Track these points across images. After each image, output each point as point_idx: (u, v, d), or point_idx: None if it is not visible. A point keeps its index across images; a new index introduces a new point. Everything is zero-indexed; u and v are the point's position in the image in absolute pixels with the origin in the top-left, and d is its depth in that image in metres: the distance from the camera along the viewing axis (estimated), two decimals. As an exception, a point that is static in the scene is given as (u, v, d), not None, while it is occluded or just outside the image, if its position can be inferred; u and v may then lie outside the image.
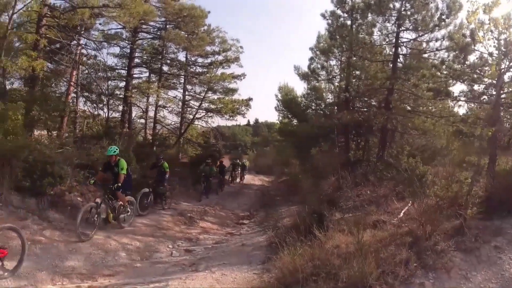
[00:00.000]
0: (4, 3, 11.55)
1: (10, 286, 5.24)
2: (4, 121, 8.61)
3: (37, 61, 10.70)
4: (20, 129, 8.78)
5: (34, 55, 10.72)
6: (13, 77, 13.56)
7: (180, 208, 12.18)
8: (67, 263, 6.31)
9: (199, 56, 20.52)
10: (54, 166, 7.91)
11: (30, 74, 11.46)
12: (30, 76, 11.70)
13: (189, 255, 7.74)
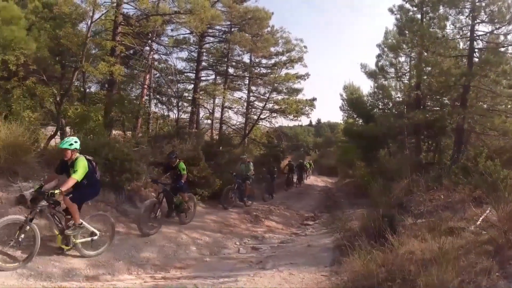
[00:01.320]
0: (81, 12, 12.61)
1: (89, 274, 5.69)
2: (86, 122, 9.39)
3: (115, 66, 11.52)
4: (101, 129, 9.50)
5: (113, 61, 11.55)
6: (91, 82, 14.76)
7: (245, 206, 12.38)
8: (142, 254, 6.71)
9: (263, 57, 20.79)
10: (132, 163, 8.47)
11: (108, 79, 12.37)
12: (108, 80, 12.63)
13: (255, 252, 7.85)
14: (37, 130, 9.25)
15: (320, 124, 63.83)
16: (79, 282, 5.33)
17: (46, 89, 11.19)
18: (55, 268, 5.48)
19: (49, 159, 8.21)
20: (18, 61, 10.16)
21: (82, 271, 5.66)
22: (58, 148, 7.02)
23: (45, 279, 5.19)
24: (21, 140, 7.39)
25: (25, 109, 10.05)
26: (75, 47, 12.16)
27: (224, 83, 20.14)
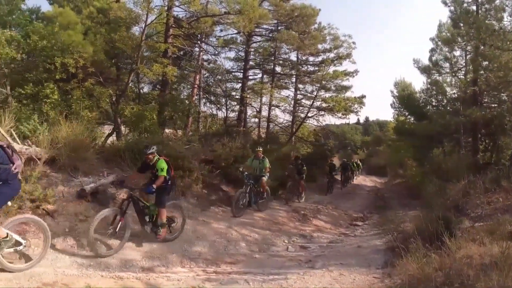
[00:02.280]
0: (134, 17, 13.21)
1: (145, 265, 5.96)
2: (142, 121, 9.85)
3: (168, 68, 11.97)
4: (155, 127, 9.93)
5: (166, 62, 12.01)
6: (143, 82, 15.43)
7: (293, 205, 12.37)
8: (194, 248, 6.91)
9: (310, 55, 20.57)
10: (184, 161, 8.77)
11: (161, 79, 12.87)
12: (161, 81, 13.15)
13: (304, 251, 7.81)
14: (94, 129, 9.83)
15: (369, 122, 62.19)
16: (136, 273, 5.59)
17: (104, 90, 11.84)
18: (113, 259, 5.81)
19: (107, 156, 8.71)
20: (77, 64, 10.80)
21: (138, 263, 5.95)
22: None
23: (103, 269, 5.52)
24: (80, 138, 7.90)
25: (84, 109, 10.69)
26: (130, 49, 12.79)
27: (271, 81, 20.16)
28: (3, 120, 6.92)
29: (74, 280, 5.01)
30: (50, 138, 7.32)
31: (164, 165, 6.59)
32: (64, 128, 7.68)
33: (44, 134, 7.38)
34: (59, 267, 5.22)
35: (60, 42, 10.99)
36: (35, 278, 4.84)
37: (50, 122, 8.52)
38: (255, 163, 10.44)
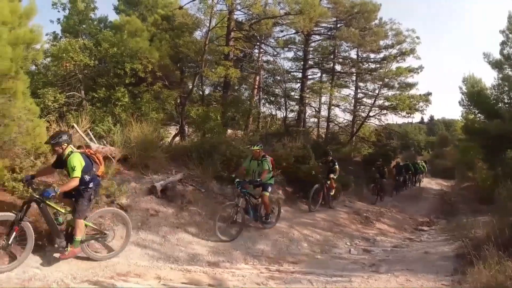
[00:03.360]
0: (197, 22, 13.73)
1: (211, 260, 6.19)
2: (207, 121, 10.23)
3: (231, 70, 12.32)
4: (220, 128, 10.26)
5: (229, 65, 12.37)
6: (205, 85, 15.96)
7: (355, 207, 12.12)
8: (257, 246, 7.03)
9: (371, 52, 19.87)
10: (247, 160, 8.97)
11: (223, 81, 13.26)
12: (223, 83, 13.55)
13: (367, 255, 7.64)
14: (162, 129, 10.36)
15: (433, 122, 58.87)
16: (202, 267, 5.83)
17: (171, 93, 12.46)
18: (181, 253, 6.11)
19: (174, 155, 9.16)
20: (146, 68, 11.46)
21: (205, 257, 6.20)
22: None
23: (172, 262, 5.83)
24: (150, 138, 8.41)
25: (152, 110, 11.33)
26: (193, 53, 13.32)
27: (331, 80, 19.84)
28: (80, 122, 7.57)
29: (145, 271, 5.35)
30: (123, 138, 7.87)
31: (74, 161, 4.82)
32: (135, 129, 8.22)
33: (117, 134, 7.95)
34: (131, 258, 5.59)
35: (129, 49, 11.72)
36: (109, 268, 5.24)
37: (122, 123, 9.14)
38: (253, 164, 7.69)
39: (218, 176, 8.84)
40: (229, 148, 9.04)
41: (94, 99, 11.21)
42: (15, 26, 5.84)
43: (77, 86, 11.31)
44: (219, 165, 8.84)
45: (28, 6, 6.22)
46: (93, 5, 14.33)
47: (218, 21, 13.09)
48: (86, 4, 14.14)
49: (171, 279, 5.27)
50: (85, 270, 5.08)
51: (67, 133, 5.22)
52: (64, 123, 7.53)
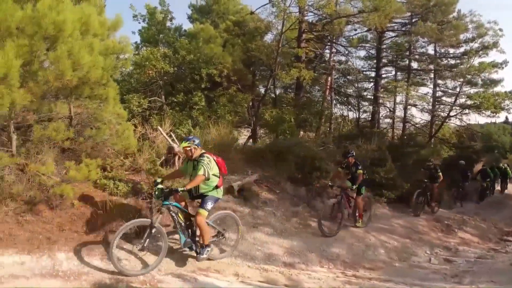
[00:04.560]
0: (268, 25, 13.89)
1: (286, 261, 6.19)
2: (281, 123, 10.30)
3: (305, 71, 12.30)
4: (293, 130, 10.28)
5: (302, 66, 12.36)
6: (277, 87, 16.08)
7: (435, 213, 11.37)
8: (332, 250, 6.91)
9: (450, 47, 18.45)
10: (321, 162, 8.89)
11: (296, 83, 13.27)
12: (296, 85, 13.57)
13: (449, 265, 7.21)
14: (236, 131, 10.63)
15: (520, 122, 53.16)
16: (278, 267, 5.90)
17: (246, 96, 12.76)
18: (257, 252, 6.21)
19: (248, 156, 9.36)
20: (221, 73, 11.86)
21: (280, 257, 6.25)
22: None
23: (249, 260, 5.95)
24: (226, 139, 8.68)
25: (226, 113, 11.69)
26: (265, 57, 13.51)
27: (407, 78, 18.81)
28: (163, 124, 8.05)
29: (225, 267, 5.55)
30: (202, 139, 8.21)
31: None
32: (212, 131, 8.54)
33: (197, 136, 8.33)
34: (212, 254, 5.77)
35: (204, 55, 12.22)
36: (191, 262, 5.51)
37: (200, 126, 9.55)
38: (189, 167, 5.42)
39: (292, 177, 8.87)
40: (303, 150, 9.01)
41: (173, 103, 11.87)
42: (104, 38, 6.36)
43: (158, 91, 12.06)
44: (293, 167, 8.83)
45: (114, 19, 6.76)
46: (170, 15, 15.20)
47: (290, 23, 13.10)
48: (164, 15, 15.01)
49: (248, 276, 5.42)
50: (168, 263, 5.36)
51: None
52: (149, 126, 8.06)
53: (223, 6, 16.48)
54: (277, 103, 14.24)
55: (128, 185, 6.14)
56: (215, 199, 5.36)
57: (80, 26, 5.46)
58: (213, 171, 5.24)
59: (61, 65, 4.91)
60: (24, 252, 4.99)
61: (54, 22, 4.96)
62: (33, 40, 5.02)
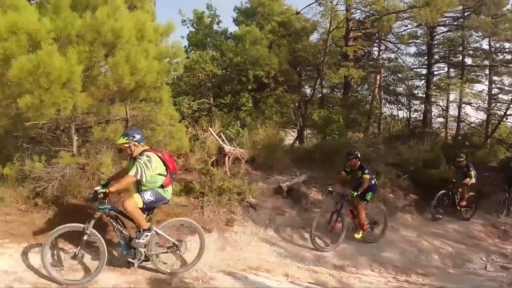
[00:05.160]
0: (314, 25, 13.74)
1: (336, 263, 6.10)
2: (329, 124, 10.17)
3: (353, 70, 12.08)
4: (343, 130, 10.12)
5: (350, 65, 12.15)
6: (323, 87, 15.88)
7: (492, 218, 10.69)
8: (383, 254, 6.73)
9: (506, 41, 17.19)
10: (371, 163, 8.63)
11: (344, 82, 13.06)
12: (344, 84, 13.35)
13: (505, 272, 6.79)
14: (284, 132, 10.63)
15: None
16: (328, 269, 5.84)
17: (294, 97, 12.75)
18: (307, 253, 6.20)
19: (296, 156, 9.33)
20: (269, 74, 11.92)
21: (330, 260, 6.19)
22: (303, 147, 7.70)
23: (299, 261, 5.95)
24: (274, 140, 8.72)
25: (274, 114, 11.74)
26: (311, 57, 13.40)
27: (461, 75, 17.80)
28: (213, 125, 8.25)
29: (274, 267, 5.58)
30: (250, 140, 8.32)
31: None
32: (260, 132, 8.62)
33: (245, 137, 8.44)
34: (261, 253, 5.85)
35: (250, 57, 12.33)
36: (241, 261, 5.62)
37: (248, 127, 9.68)
38: (130, 165, 4.76)
39: (341, 179, 8.66)
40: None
41: (221, 104, 12.10)
42: (157, 43, 6.62)
43: (206, 93, 12.36)
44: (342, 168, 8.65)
45: (166, 24, 7.00)
46: (218, 19, 15.51)
47: (338, 22, 12.91)
48: (211, 19, 15.34)
49: (298, 277, 5.40)
50: (220, 261, 5.49)
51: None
52: (199, 127, 8.29)
53: (268, 7, 16.49)
54: (324, 103, 14.06)
55: (181, 184, 6.35)
56: (160, 197, 4.73)
57: (136, 32, 5.72)
58: (157, 170, 4.63)
59: (119, 70, 5.17)
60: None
61: (112, 29, 5.23)
62: (93, 47, 5.34)
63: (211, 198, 6.41)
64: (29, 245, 5.12)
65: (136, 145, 4.60)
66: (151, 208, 4.83)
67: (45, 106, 4.77)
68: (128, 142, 4.57)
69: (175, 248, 5.02)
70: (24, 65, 4.65)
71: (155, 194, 4.66)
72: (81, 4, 5.52)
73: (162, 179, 4.71)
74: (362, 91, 17.67)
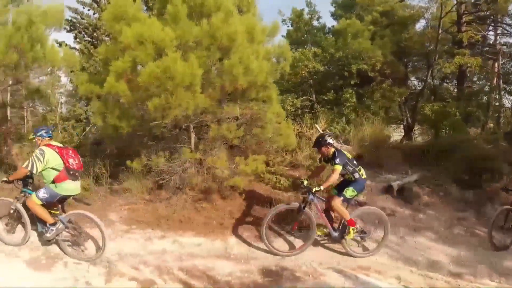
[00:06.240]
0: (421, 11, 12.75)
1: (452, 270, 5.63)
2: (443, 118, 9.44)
3: (471, 58, 11.04)
4: (460, 125, 9.33)
5: (466, 53, 11.12)
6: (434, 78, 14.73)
7: None
8: (505, 263, 6.04)
9: None
10: (494, 162, 7.80)
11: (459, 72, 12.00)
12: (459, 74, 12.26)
13: None
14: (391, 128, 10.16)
15: None
16: (444, 276, 5.47)
17: (403, 90, 12.10)
18: (420, 257, 5.87)
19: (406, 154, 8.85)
20: (374, 68, 11.48)
21: (446, 266, 5.77)
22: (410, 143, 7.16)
23: (412, 265, 5.64)
24: (381, 136, 8.40)
25: (379, 109, 11.28)
26: (419, 46, 12.55)
27: None
28: (319, 122, 8.26)
29: (385, 269, 5.43)
30: (357, 137, 8.14)
31: None
32: (366, 128, 8.37)
33: (351, 133, 8.29)
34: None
35: (352, 51, 12.00)
36: (351, 260, 5.58)
37: (352, 123, 9.47)
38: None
39: (457, 179, 7.97)
40: (470, 148, 8.06)
41: (323, 101, 12.01)
42: (264, 44, 6.85)
43: (308, 90, 12.37)
44: (459, 167, 8.00)
45: (272, 25, 7.23)
46: (317, 15, 15.39)
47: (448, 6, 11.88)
48: (311, 15, 15.29)
49: (410, 282, 5.18)
50: (330, 258, 5.54)
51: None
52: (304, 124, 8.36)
53: (368, -2, 15.85)
54: (436, 96, 13.02)
55: (289, 180, 6.51)
56: (52, 192, 4.86)
57: (246, 35, 6.01)
58: (49, 164, 4.78)
59: (234, 71, 5.50)
60: (201, 235, 5.84)
61: (227, 34, 5.58)
62: (209, 51, 5.76)
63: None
64: (153, 231, 5.77)
65: (41, 140, 4.96)
66: (62, 200, 5.16)
67: (171, 108, 5.28)
68: (34, 138, 5.05)
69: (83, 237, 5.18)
70: (152, 71, 5.22)
71: (48, 190, 4.85)
72: (196, 12, 5.96)
73: (55, 173, 4.83)
74: (479, 81, 15.93)
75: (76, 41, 14.70)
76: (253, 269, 5.18)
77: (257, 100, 6.62)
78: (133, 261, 5.17)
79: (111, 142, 7.15)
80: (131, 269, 4.97)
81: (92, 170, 6.75)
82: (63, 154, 4.88)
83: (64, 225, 5.00)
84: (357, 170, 5.57)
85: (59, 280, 4.62)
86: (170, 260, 5.26)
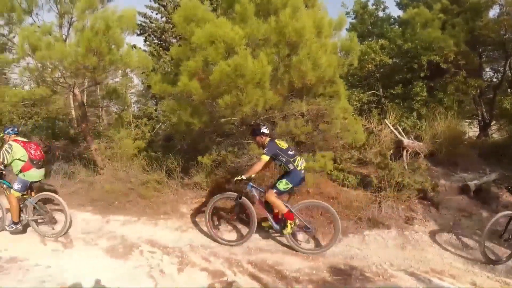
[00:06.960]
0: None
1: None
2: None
3: None
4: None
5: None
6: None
7: None
8: None
9: None
10: None
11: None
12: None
13: None
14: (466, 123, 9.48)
15: None
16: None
17: (480, 82, 11.27)
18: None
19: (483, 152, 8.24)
20: (448, 58, 10.77)
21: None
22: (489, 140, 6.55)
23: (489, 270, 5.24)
24: (455, 133, 7.88)
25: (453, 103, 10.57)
26: (494, 34, 11.58)
27: None
28: (388, 117, 7.93)
29: (460, 274, 5.11)
30: (429, 133, 7.71)
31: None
32: (440, 124, 7.90)
33: (423, 129, 7.87)
34: (445, 257, 5.43)
35: (422, 41, 11.35)
36: (424, 262, 5.30)
37: (424, 118, 8.96)
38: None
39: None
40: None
41: (391, 95, 11.51)
42: (331, 37, 6.72)
43: (375, 85, 11.91)
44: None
45: (338, 18, 7.06)
46: (383, 5, 14.76)
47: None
48: (376, 6, 14.71)
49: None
50: (402, 260, 5.33)
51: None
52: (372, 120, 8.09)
53: (437, -16, 14.89)
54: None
55: (357, 177, 6.35)
56: (23, 181, 5.84)
57: (314, 30, 5.94)
58: (16, 155, 5.77)
59: (303, 66, 5.47)
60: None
61: (295, 29, 5.56)
62: (278, 48, 5.77)
63: (390, 194, 6.21)
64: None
65: (9, 136, 5.91)
66: (30, 186, 6.04)
67: (241, 104, 5.39)
68: (3, 135, 5.99)
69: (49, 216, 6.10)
70: (223, 69, 5.35)
71: (20, 181, 5.82)
72: (263, 10, 6.01)
73: (21, 164, 5.78)
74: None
75: (146, 44, 15.43)
76: (322, 266, 5.15)
77: (324, 96, 6.51)
78: (203, 253, 5.39)
79: (183, 138, 7.44)
80: (202, 260, 5.19)
81: (165, 165, 7.08)
82: (26, 147, 5.85)
83: (33, 206, 5.93)
84: (292, 161, 5.28)
85: (135, 268, 4.98)
86: (239, 253, 5.40)
